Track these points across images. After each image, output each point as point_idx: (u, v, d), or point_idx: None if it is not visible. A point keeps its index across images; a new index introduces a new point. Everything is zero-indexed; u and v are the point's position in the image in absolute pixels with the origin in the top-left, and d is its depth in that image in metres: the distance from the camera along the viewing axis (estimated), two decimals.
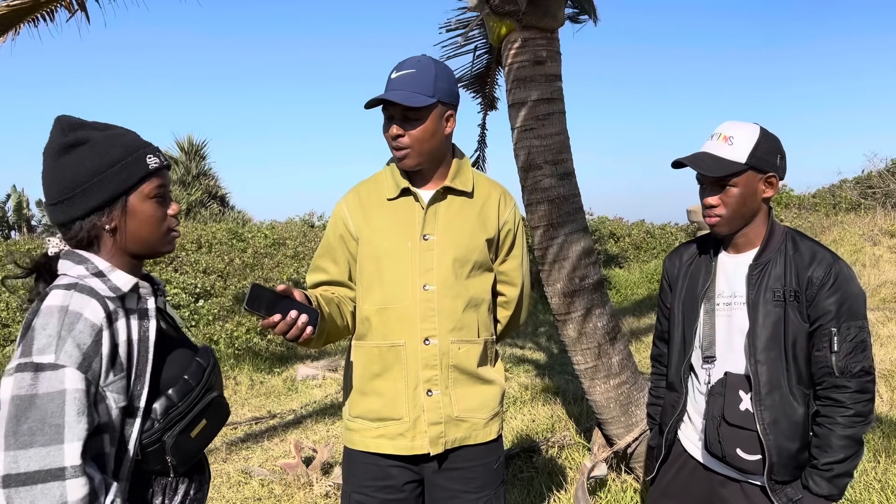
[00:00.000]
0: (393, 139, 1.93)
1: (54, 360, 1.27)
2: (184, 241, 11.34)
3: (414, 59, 1.95)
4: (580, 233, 3.51)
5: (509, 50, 3.48)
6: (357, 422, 2.03)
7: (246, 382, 6.99)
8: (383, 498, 2.00)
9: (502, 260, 2.14)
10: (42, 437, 1.24)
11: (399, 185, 2.00)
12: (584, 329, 3.49)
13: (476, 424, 2.03)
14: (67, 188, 1.41)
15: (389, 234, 1.98)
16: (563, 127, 3.51)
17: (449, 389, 1.99)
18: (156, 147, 1.52)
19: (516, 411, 5.27)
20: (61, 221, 1.45)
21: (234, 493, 4.25)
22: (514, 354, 7.56)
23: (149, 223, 1.48)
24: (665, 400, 2.19)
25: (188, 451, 1.47)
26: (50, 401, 1.25)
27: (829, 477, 1.84)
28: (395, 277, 1.97)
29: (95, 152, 1.42)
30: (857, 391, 1.83)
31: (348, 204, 2.05)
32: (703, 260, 2.11)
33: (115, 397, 1.35)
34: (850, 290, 1.86)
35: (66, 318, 1.30)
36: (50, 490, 1.23)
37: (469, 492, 2.04)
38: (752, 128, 1.95)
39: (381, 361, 1.98)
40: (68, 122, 1.45)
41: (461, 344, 1.99)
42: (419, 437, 1.97)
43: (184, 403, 1.46)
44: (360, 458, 2.02)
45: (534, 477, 4.03)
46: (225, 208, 22.86)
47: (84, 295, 1.35)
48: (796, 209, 14.39)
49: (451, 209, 2.03)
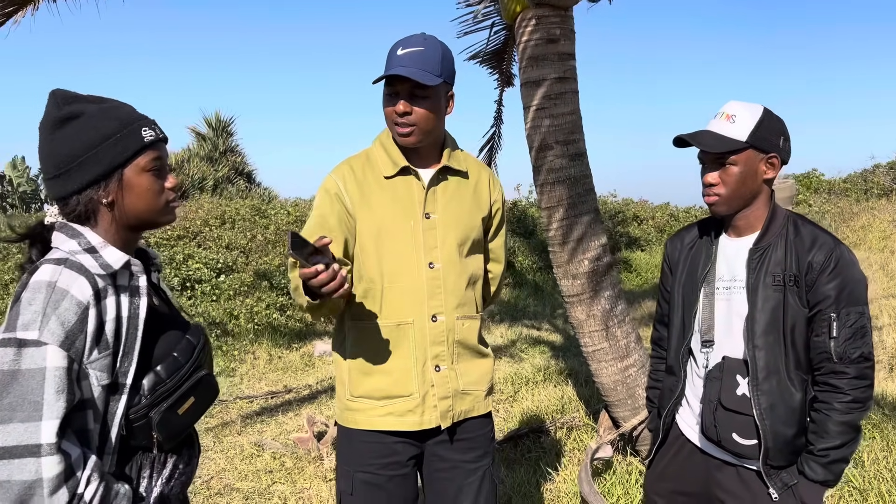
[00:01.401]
0: (400, 115, 1.91)
1: (38, 336, 1.27)
2: (208, 217, 11.44)
3: (420, 37, 1.93)
4: (591, 214, 3.49)
5: (523, 28, 3.44)
6: (360, 401, 2.01)
7: (264, 357, 7.07)
8: (389, 475, 2.01)
9: (491, 238, 2.18)
10: (21, 413, 1.25)
11: (398, 164, 1.99)
12: (592, 311, 3.48)
13: (478, 397, 2.08)
14: (63, 162, 1.41)
15: (390, 213, 1.97)
16: (576, 107, 3.47)
17: (455, 364, 2.02)
18: (152, 120, 1.50)
19: (528, 392, 5.28)
20: (59, 195, 1.44)
21: (246, 465, 4.32)
22: (531, 336, 7.55)
23: (145, 196, 1.47)
24: (664, 383, 2.18)
25: (175, 427, 1.47)
26: (31, 377, 1.26)
27: (825, 463, 1.83)
28: (398, 256, 1.96)
29: (90, 125, 1.41)
30: (855, 377, 1.81)
31: (343, 179, 2.00)
32: (704, 243, 2.09)
33: (98, 375, 1.35)
34: (851, 276, 1.83)
35: (53, 295, 1.30)
36: (26, 465, 1.24)
37: (469, 461, 2.08)
38: (755, 107, 1.92)
39: (387, 340, 1.98)
40: (63, 96, 1.44)
41: (465, 320, 2.03)
42: (428, 412, 1.99)
43: (172, 380, 1.45)
44: (362, 437, 2.02)
45: (541, 457, 4.04)
46: (251, 185, 23.00)
47: (73, 272, 1.34)
48: (826, 194, 14.12)
49: (449, 189, 2.03)
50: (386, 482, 2.01)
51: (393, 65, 1.89)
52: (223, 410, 5.44)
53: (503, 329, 8.00)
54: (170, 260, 8.65)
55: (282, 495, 3.86)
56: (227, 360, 6.86)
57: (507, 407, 5.11)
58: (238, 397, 5.75)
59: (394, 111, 1.91)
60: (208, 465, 4.34)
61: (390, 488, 2.02)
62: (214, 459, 4.42)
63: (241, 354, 7.10)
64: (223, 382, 6.28)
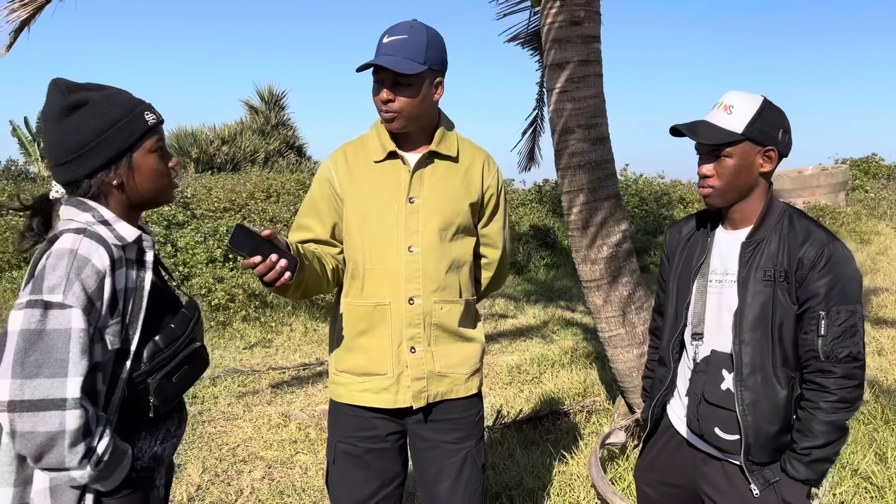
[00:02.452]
0: (383, 103, 1.97)
1: (62, 299, 1.37)
2: (254, 190, 11.69)
3: (406, 25, 1.96)
4: (612, 200, 3.46)
5: (548, 9, 3.41)
6: (343, 376, 2.11)
7: (300, 329, 7.24)
8: (368, 447, 2.09)
9: (485, 223, 2.19)
10: (48, 369, 1.36)
11: (386, 148, 2.04)
12: (609, 297, 3.47)
13: (457, 380, 2.11)
14: (73, 148, 1.49)
15: (376, 196, 2.03)
16: (599, 90, 3.44)
17: (431, 346, 2.06)
18: (150, 104, 1.60)
19: (553, 374, 5.30)
20: (69, 181, 1.53)
21: (272, 435, 4.46)
22: (564, 317, 7.54)
23: (152, 176, 1.58)
24: (655, 373, 2.18)
25: (169, 393, 1.58)
26: (57, 337, 1.36)
27: (808, 462, 1.81)
28: (380, 239, 2.02)
29: (98, 112, 1.50)
30: (842, 377, 1.78)
31: (335, 164, 2.08)
32: (700, 235, 2.08)
33: (111, 339, 1.47)
34: (843, 273, 1.80)
35: (76, 262, 1.40)
36: (51, 417, 1.35)
37: (450, 442, 2.13)
38: (754, 98, 1.89)
39: (366, 319, 2.04)
40: (66, 85, 1.52)
41: (443, 304, 2.06)
42: (402, 392, 2.05)
43: (169, 350, 1.56)
44: (345, 410, 2.11)
45: (559, 439, 4.08)
46: (301, 158, 23.31)
47: (93, 241, 1.44)
48: (885, 179, 13.61)
49: (437, 173, 2.07)
50: (365, 454, 2.09)
51: (378, 53, 1.95)
52: (255, 380, 5.60)
53: (537, 310, 8.00)
54: (213, 232, 8.88)
55: (303, 465, 3.98)
56: (265, 332, 7.04)
57: (531, 388, 5.15)
58: (271, 368, 5.91)
59: (378, 99, 1.97)
60: (236, 432, 4.50)
61: (369, 460, 2.09)
62: (243, 428, 4.58)
63: (279, 326, 7.28)
64: (259, 353, 6.46)
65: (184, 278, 7.88)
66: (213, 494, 3.60)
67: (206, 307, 7.28)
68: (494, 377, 5.56)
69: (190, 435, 4.42)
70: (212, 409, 4.93)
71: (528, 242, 11.16)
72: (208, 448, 4.23)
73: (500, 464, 3.78)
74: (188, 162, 19.16)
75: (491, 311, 8.07)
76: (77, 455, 1.38)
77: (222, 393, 5.26)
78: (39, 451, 1.36)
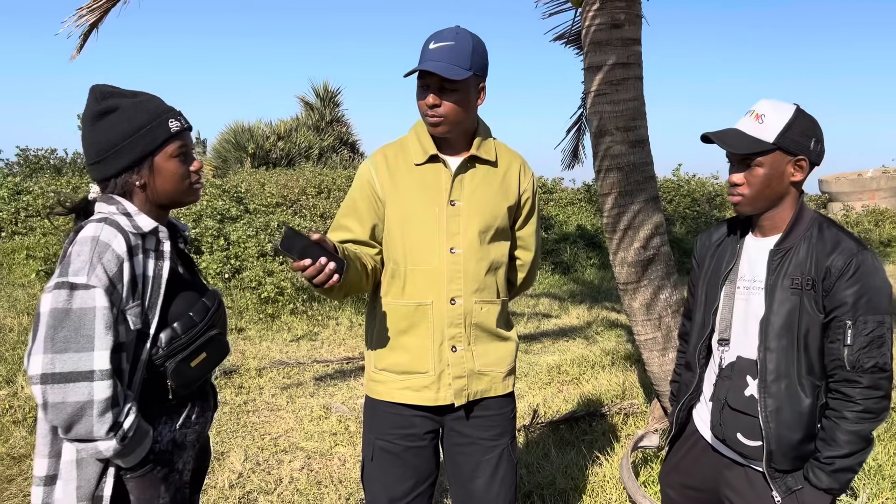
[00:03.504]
0: (429, 108, 2.01)
1: (86, 280, 1.49)
2: (306, 186, 11.91)
3: (451, 31, 2.01)
4: (650, 202, 3.45)
5: (587, 12, 3.42)
6: (382, 374, 2.15)
7: (346, 323, 7.37)
8: (406, 445, 2.14)
9: (520, 226, 2.24)
10: (75, 344, 1.48)
11: (427, 152, 2.08)
12: (644, 300, 3.46)
13: (496, 378, 2.16)
14: (102, 150, 1.64)
15: (417, 199, 2.08)
16: (639, 93, 3.43)
17: (471, 346, 2.11)
18: (178, 111, 1.72)
19: (591, 376, 5.29)
20: (99, 178, 1.68)
21: (312, 426, 4.57)
22: (608, 318, 7.50)
23: (173, 179, 1.70)
24: (682, 378, 2.19)
25: (187, 377, 1.68)
26: (83, 315, 1.48)
27: (830, 471, 1.80)
28: (422, 240, 2.07)
29: (125, 118, 1.64)
30: (867, 387, 1.77)
31: (376, 166, 2.13)
32: (730, 241, 2.07)
33: (132, 320, 1.58)
34: (871, 283, 1.78)
35: (97, 247, 1.53)
36: (80, 388, 1.47)
37: (487, 439, 2.17)
38: (786, 108, 1.88)
39: (408, 319, 2.09)
40: (101, 91, 1.67)
41: (483, 304, 2.11)
42: (443, 390, 2.10)
43: (186, 336, 1.66)
44: (383, 408, 2.16)
45: (594, 441, 4.08)
46: (355, 154, 23.56)
47: (112, 228, 1.57)
48: None
49: (477, 177, 2.11)
50: (403, 451, 2.13)
51: (424, 59, 1.99)
52: (300, 372, 5.74)
53: (581, 310, 7.98)
54: (265, 226, 9.09)
55: (342, 457, 4.08)
56: (311, 325, 7.19)
57: (570, 389, 5.15)
58: (315, 360, 6.04)
59: (424, 103, 2.01)
60: (279, 423, 4.63)
61: (407, 458, 2.14)
62: (285, 419, 4.71)
63: (325, 320, 7.42)
64: (305, 345, 6.61)
65: (235, 271, 8.10)
66: (254, 482, 3.72)
67: (256, 300, 7.47)
68: (534, 377, 5.58)
69: (234, 424, 4.57)
70: (256, 399, 5.07)
71: (576, 242, 11.10)
72: (251, 437, 4.36)
73: (535, 463, 3.81)
74: (245, 157, 19.57)
75: (535, 311, 8.08)
76: (105, 425, 1.49)
77: (267, 384, 5.41)
78: (70, 421, 1.47)
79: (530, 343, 6.64)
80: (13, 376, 5.18)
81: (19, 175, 13.34)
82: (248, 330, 6.97)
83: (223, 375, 5.49)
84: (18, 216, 9.63)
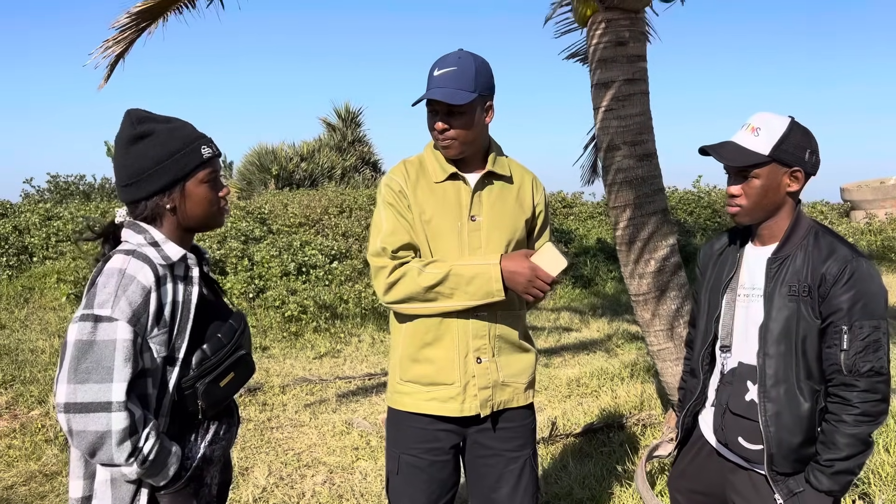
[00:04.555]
0: (439, 133, 2.10)
1: (110, 313, 1.55)
2: (328, 206, 12.08)
3: (454, 57, 2.09)
4: (659, 215, 3.51)
5: (593, 31, 3.50)
6: (408, 385, 2.20)
7: (368, 340, 7.46)
8: (431, 459, 2.19)
9: (535, 238, 2.30)
10: (96, 375, 1.54)
11: (446, 170, 2.16)
12: (657, 311, 3.51)
13: (518, 389, 2.22)
14: (135, 174, 1.69)
15: (439, 214, 2.14)
16: (645, 108, 3.50)
17: (495, 357, 2.17)
18: (209, 138, 1.78)
19: (610, 388, 5.32)
20: (130, 200, 1.73)
21: (335, 441, 4.65)
22: (629, 331, 7.51)
23: (202, 204, 1.75)
24: (687, 384, 2.24)
25: (216, 397, 1.74)
26: (105, 347, 1.54)
27: (830, 473, 1.84)
28: (445, 255, 2.13)
29: (159, 143, 1.69)
30: (865, 390, 1.81)
31: (405, 179, 2.17)
32: (731, 251, 2.13)
33: (157, 348, 1.64)
34: (866, 289, 1.83)
35: (123, 280, 1.58)
36: (99, 418, 1.54)
37: (510, 450, 2.22)
38: (781, 120, 1.94)
39: (433, 331, 2.15)
40: (137, 116, 1.73)
41: (505, 316, 2.17)
42: (469, 401, 2.15)
43: (215, 357, 1.72)
44: (408, 421, 2.20)
45: (612, 452, 4.11)
46: (377, 174, 23.76)
47: (139, 261, 1.62)
48: None
49: (494, 192, 2.19)
50: (428, 466, 2.18)
51: (430, 86, 2.07)
52: (322, 389, 5.83)
53: (602, 323, 8.00)
54: (288, 246, 9.24)
55: (363, 471, 4.15)
56: (334, 342, 7.29)
57: (589, 401, 5.18)
58: (338, 377, 6.14)
59: (434, 129, 2.10)
60: (302, 438, 4.72)
61: (432, 472, 2.19)
62: (308, 434, 4.79)
63: (347, 337, 7.52)
64: (328, 362, 6.71)
65: (259, 291, 8.24)
66: (277, 497, 3.81)
67: (280, 318, 7.60)
68: (554, 390, 5.62)
69: (258, 440, 4.66)
70: (280, 416, 5.17)
71: (596, 256, 11.12)
72: (275, 453, 4.45)
73: (553, 475, 3.85)
74: (269, 179, 19.85)
75: (556, 325, 8.11)
76: (124, 453, 1.55)
77: (291, 401, 5.50)
78: (92, 448, 1.55)
79: (551, 357, 6.68)
80: (45, 396, 5.34)
81: (50, 201, 13.69)
82: (272, 348, 7.09)
83: (247, 393, 5.60)
84: (49, 241, 9.89)
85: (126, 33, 4.53)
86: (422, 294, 2.07)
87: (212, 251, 8.83)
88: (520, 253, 2.10)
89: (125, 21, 4.35)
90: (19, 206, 12.14)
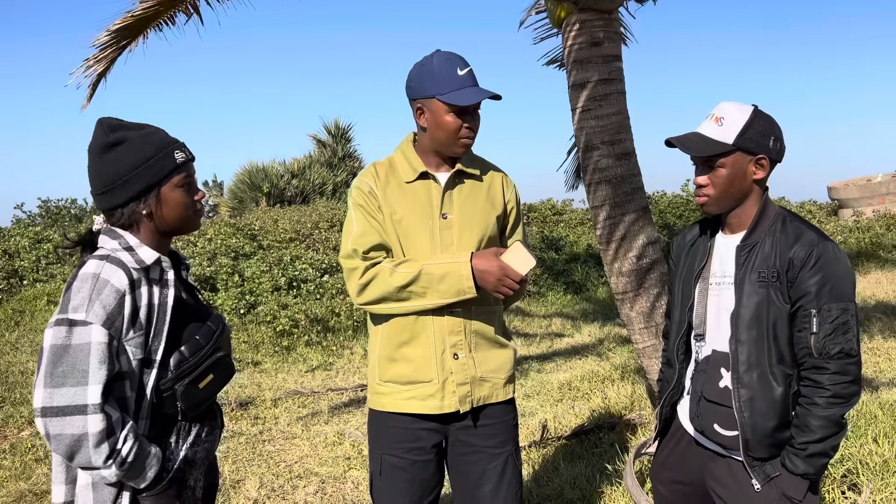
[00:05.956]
0: (470, 131, 2.13)
1: (85, 317, 1.56)
2: (319, 220, 12.10)
3: (455, 55, 2.14)
4: (638, 213, 3.53)
5: (568, 32, 3.54)
6: (388, 385, 2.21)
7: (360, 352, 7.45)
8: (413, 459, 2.20)
9: (508, 234, 2.32)
10: (72, 378, 1.55)
11: (417, 170, 2.18)
12: (641, 309, 3.53)
13: (497, 384, 2.22)
14: (109, 181, 1.71)
15: (410, 214, 2.16)
16: (622, 107, 3.53)
17: (472, 353, 2.18)
18: (182, 143, 1.80)
19: (602, 389, 5.32)
20: (106, 208, 1.75)
21: (327, 452, 4.65)
22: (620, 335, 7.52)
23: (178, 208, 1.77)
24: (664, 375, 2.25)
25: (196, 399, 1.75)
26: (80, 350, 1.56)
27: (805, 456, 1.86)
28: (418, 253, 2.14)
29: (133, 149, 1.71)
30: (835, 372, 1.83)
31: (374, 180, 2.18)
32: (702, 240, 2.15)
33: (133, 351, 1.65)
34: (834, 272, 1.85)
35: (97, 284, 1.60)
36: (75, 421, 1.54)
37: (492, 447, 2.23)
38: (745, 109, 1.96)
39: (409, 330, 2.16)
40: (109, 124, 1.74)
41: (480, 312, 2.19)
42: (448, 397, 2.16)
43: (194, 359, 1.73)
44: (389, 422, 2.21)
45: (603, 452, 4.11)
46: None
47: (113, 265, 1.64)
48: None
49: (464, 191, 2.21)
50: (410, 465, 2.19)
51: (463, 84, 2.09)
52: (315, 401, 5.82)
53: (593, 328, 8.01)
54: (278, 261, 9.24)
55: (355, 480, 4.14)
56: (326, 355, 7.28)
57: (580, 404, 5.18)
58: (330, 389, 6.13)
59: (464, 126, 2.11)
60: (294, 450, 4.71)
61: (414, 472, 2.20)
62: (300, 446, 4.78)
63: (339, 350, 7.51)
64: (320, 375, 6.70)
65: (250, 306, 8.24)
66: None
67: (271, 333, 7.59)
68: (546, 394, 5.62)
69: (250, 453, 4.65)
70: (272, 429, 5.16)
71: (586, 262, 11.14)
72: (266, 465, 4.44)
73: (544, 476, 3.85)
74: (260, 196, 19.87)
75: (548, 331, 8.12)
76: (102, 455, 1.56)
77: (283, 414, 5.49)
78: (70, 451, 1.55)
79: (543, 362, 6.68)
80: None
81: (40, 225, 13.67)
82: (264, 363, 7.08)
83: (239, 407, 5.59)
84: (39, 264, 9.88)
85: (107, 51, 4.55)
86: (395, 294, 2.09)
87: (202, 268, 8.83)
88: (490, 251, 2.12)
89: (105, 39, 4.37)
90: (9, 230, 12.13)
